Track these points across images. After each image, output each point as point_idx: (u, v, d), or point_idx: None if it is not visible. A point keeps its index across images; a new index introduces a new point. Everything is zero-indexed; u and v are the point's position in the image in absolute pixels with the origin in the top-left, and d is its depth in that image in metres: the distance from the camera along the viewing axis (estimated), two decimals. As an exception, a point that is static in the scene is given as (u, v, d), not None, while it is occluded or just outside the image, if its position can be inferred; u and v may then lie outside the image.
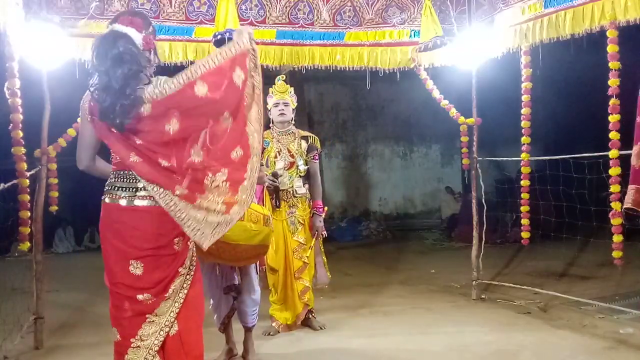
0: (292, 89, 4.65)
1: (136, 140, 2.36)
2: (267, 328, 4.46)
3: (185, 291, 2.50)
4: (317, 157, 4.64)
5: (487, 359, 3.78)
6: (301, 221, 4.51)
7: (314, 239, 4.55)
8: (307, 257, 4.52)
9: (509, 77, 5.49)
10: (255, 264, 3.80)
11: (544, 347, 3.91)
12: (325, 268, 4.72)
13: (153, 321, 2.45)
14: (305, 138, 4.61)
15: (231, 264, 3.62)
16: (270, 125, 4.63)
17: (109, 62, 2.33)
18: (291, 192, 4.50)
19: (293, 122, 4.65)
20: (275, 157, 4.52)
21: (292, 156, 4.52)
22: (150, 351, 2.45)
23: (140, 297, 2.44)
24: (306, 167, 4.54)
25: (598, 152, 4.29)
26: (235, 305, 3.72)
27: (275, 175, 4.40)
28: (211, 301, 3.76)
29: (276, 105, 4.56)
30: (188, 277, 2.51)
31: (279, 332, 4.46)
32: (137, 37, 2.43)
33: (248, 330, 3.86)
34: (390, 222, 11.91)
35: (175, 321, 2.47)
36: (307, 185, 4.58)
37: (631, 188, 3.56)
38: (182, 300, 2.48)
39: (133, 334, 2.45)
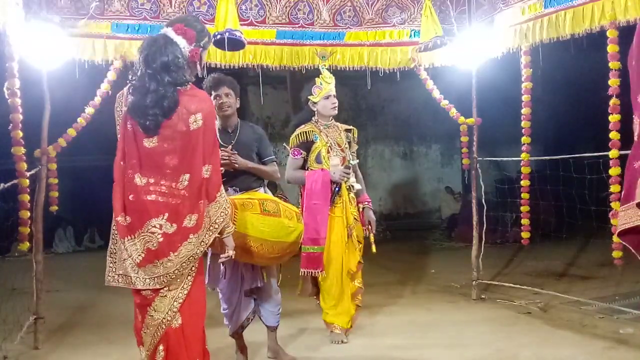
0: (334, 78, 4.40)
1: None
2: (332, 336, 4.18)
3: (186, 291, 2.56)
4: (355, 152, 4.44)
5: (487, 359, 3.78)
6: (356, 218, 4.27)
7: (369, 234, 4.34)
8: (361, 255, 4.28)
9: (509, 77, 5.48)
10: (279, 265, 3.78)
11: (544, 347, 3.91)
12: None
13: (152, 316, 2.55)
14: (348, 131, 4.38)
15: (267, 263, 3.59)
16: (314, 117, 4.34)
17: (158, 67, 2.49)
18: (348, 188, 4.23)
19: None
20: (328, 152, 4.22)
21: (343, 151, 4.28)
22: (153, 340, 2.56)
23: (143, 292, 2.56)
24: (355, 161, 4.33)
25: (598, 152, 4.29)
26: (257, 307, 3.70)
27: (349, 167, 4.18)
28: (224, 307, 3.68)
29: (327, 97, 4.27)
30: (189, 277, 2.57)
31: (345, 338, 4.17)
32: (185, 47, 2.57)
33: (273, 330, 3.82)
34: (390, 222, 11.90)
35: (179, 314, 2.55)
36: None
37: None
38: (181, 300, 2.54)
39: (143, 321, 2.59)
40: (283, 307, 3.87)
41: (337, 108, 4.31)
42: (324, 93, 4.28)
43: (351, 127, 4.46)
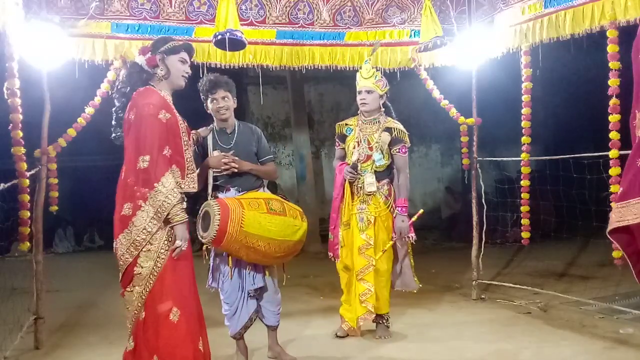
0: (379, 73, 4.31)
1: None
2: (337, 329, 4.31)
3: (149, 288, 2.79)
4: (404, 150, 4.24)
5: (487, 359, 3.78)
6: (371, 219, 4.13)
7: (390, 242, 4.16)
8: (375, 259, 4.11)
9: (509, 77, 5.48)
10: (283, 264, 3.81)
11: (544, 347, 3.91)
12: (413, 273, 4.35)
13: (128, 308, 2.87)
14: (388, 130, 4.19)
15: (273, 263, 3.63)
16: (358, 112, 4.31)
17: (120, 83, 3.04)
18: (362, 187, 4.15)
19: (383, 110, 4.26)
20: (354, 147, 4.17)
21: (371, 149, 4.15)
22: (129, 331, 2.89)
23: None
24: (385, 161, 4.17)
25: (598, 152, 4.29)
26: (257, 307, 3.70)
27: (354, 167, 4.11)
28: (225, 307, 3.68)
29: (359, 93, 4.22)
30: (152, 276, 2.79)
31: (347, 334, 4.24)
32: (141, 60, 3.00)
33: (274, 330, 3.82)
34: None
35: (143, 309, 2.82)
36: (386, 181, 4.22)
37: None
38: (145, 296, 2.80)
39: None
40: (283, 307, 3.88)
41: (366, 105, 4.19)
42: (358, 89, 4.27)
43: (392, 126, 4.24)
